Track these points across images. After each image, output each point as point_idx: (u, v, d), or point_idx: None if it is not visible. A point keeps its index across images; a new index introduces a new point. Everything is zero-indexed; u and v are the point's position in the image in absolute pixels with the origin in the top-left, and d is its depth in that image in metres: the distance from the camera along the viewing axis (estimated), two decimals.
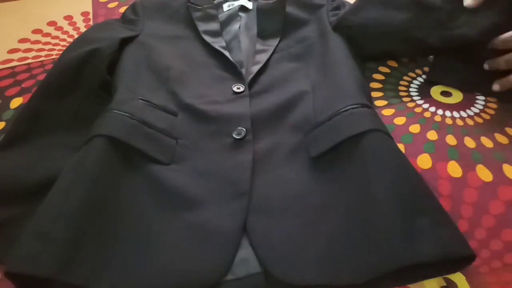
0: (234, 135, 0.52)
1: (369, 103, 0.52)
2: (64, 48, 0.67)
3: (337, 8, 0.67)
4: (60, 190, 0.45)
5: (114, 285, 0.41)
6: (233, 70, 0.61)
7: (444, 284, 0.43)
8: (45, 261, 0.40)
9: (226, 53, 0.63)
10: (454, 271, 0.43)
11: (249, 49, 0.66)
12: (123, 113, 0.51)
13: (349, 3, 0.68)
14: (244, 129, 0.53)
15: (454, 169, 0.52)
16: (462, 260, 0.41)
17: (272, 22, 0.68)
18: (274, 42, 0.66)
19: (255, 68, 0.61)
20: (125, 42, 0.64)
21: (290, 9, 0.69)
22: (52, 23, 0.83)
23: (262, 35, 0.67)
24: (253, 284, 0.43)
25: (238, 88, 0.58)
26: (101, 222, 0.43)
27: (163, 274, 0.42)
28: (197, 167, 0.50)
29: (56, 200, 0.44)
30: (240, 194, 0.47)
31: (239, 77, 0.60)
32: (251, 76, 0.60)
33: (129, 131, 0.50)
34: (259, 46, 0.65)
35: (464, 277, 0.43)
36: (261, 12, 0.68)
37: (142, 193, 0.47)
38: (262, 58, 0.63)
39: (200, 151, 0.52)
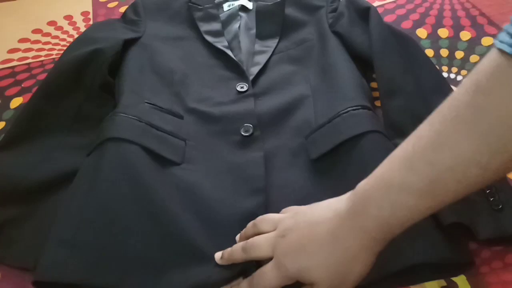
0: (242, 132, 0.52)
1: (369, 104, 0.52)
2: (64, 48, 0.66)
3: (337, 9, 0.67)
4: (79, 195, 0.45)
5: (141, 284, 0.41)
6: (236, 69, 0.61)
7: (445, 284, 0.43)
8: (72, 267, 0.40)
9: (229, 52, 0.63)
10: (455, 274, 0.43)
11: (249, 49, 0.66)
12: (130, 116, 0.51)
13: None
14: (251, 125, 0.52)
15: None
16: (461, 263, 0.42)
17: (270, 24, 0.68)
18: (273, 43, 0.65)
19: (255, 70, 0.61)
20: (128, 43, 0.63)
21: (289, 10, 0.69)
22: (52, 23, 0.83)
23: (261, 36, 0.67)
24: None
25: (242, 88, 0.58)
26: (124, 222, 0.43)
27: (188, 274, 0.41)
28: (209, 166, 0.50)
29: (76, 206, 0.44)
30: (256, 190, 0.47)
31: (242, 76, 0.60)
32: (251, 78, 0.60)
33: (139, 133, 0.50)
34: (258, 47, 0.65)
35: (464, 277, 0.43)
36: (260, 14, 0.68)
37: (161, 191, 0.46)
38: (262, 59, 0.63)
39: (210, 151, 0.52)
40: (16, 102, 0.66)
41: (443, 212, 0.42)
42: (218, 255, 0.42)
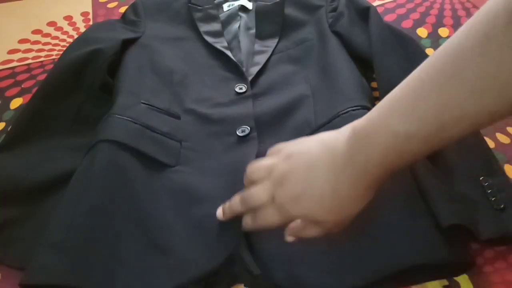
0: (237, 133, 0.52)
1: (369, 105, 0.52)
2: (64, 48, 0.66)
3: (336, 9, 0.67)
4: (69, 199, 0.45)
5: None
6: (235, 70, 0.61)
7: (447, 283, 0.42)
8: (59, 270, 0.40)
9: (228, 52, 0.62)
10: (456, 274, 0.43)
11: (248, 49, 0.66)
12: (125, 117, 0.51)
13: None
14: (248, 127, 0.52)
15: None
16: (462, 263, 0.42)
17: (270, 24, 0.67)
18: (272, 43, 0.65)
19: (255, 70, 0.61)
20: (127, 43, 0.63)
21: (288, 10, 0.69)
22: (52, 24, 0.83)
23: (261, 36, 0.67)
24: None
25: (241, 89, 0.58)
26: (112, 226, 0.43)
27: (175, 273, 0.41)
28: (203, 167, 0.50)
29: (67, 209, 0.44)
30: None
31: (241, 77, 0.60)
32: (251, 78, 0.60)
33: (133, 135, 0.49)
34: (257, 47, 0.65)
35: (467, 276, 0.43)
36: (260, 14, 0.68)
37: (150, 195, 0.46)
38: (261, 59, 0.63)
39: (205, 152, 0.52)
40: (16, 103, 0.66)
41: (442, 213, 0.41)
42: (219, 213, 0.43)
